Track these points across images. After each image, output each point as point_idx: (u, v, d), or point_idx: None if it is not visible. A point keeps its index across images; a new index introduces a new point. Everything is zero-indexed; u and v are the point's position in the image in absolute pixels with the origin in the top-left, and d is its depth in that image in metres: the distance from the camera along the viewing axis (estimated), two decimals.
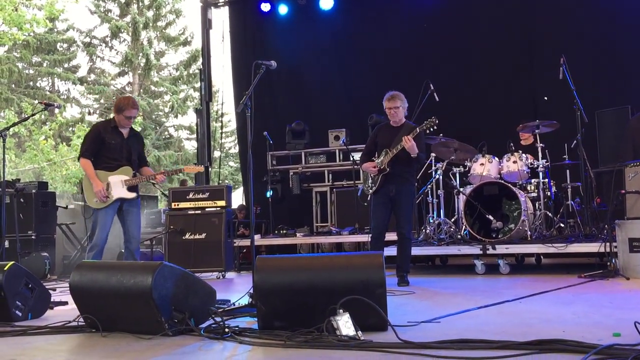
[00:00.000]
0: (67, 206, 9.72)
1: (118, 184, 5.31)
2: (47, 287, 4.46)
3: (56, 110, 19.86)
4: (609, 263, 5.55)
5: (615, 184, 5.72)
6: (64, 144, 20.62)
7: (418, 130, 5.34)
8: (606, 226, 5.82)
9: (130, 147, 5.47)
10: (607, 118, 7.60)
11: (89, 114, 25.89)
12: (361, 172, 6.23)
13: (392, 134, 5.55)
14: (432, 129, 5.42)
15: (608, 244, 5.56)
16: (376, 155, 5.65)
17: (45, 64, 24.91)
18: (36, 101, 20.12)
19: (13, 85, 23.36)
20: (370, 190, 5.65)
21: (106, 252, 8.63)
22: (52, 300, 4.38)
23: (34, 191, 8.46)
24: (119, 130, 5.44)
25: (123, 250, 5.67)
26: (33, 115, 8.10)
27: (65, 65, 25.78)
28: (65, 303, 4.55)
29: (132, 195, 5.40)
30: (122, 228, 5.53)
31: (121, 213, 5.44)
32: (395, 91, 5.62)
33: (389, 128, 5.66)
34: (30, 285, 4.02)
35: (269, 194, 9.05)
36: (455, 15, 9.24)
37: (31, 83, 24.96)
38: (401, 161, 5.46)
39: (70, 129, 24.08)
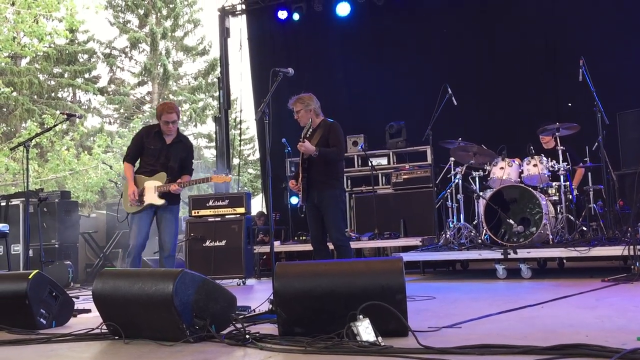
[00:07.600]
0: (89, 215, 9.86)
1: (151, 190, 5.31)
2: (70, 295, 4.52)
3: (77, 120, 20.08)
4: (632, 266, 5.46)
5: (638, 185, 5.64)
6: (86, 152, 20.86)
7: (307, 130, 5.05)
8: (629, 229, 5.73)
9: (170, 154, 5.42)
10: (629, 119, 7.46)
11: (109, 123, 26.22)
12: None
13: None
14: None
15: (632, 247, 5.47)
16: None
17: (66, 75, 25.26)
18: (58, 112, 20.39)
19: (35, 97, 23.72)
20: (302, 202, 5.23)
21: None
22: (75, 308, 4.43)
23: (56, 200, 8.58)
24: (162, 136, 5.43)
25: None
26: (55, 125, 8.21)
27: (86, 76, 26.12)
28: (89, 311, 4.61)
29: (161, 202, 5.29)
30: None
31: (156, 220, 5.40)
32: (302, 94, 5.24)
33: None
34: (54, 294, 4.07)
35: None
36: (475, 20, 9.22)
37: (52, 94, 25.31)
38: (315, 165, 5.06)
39: (92, 138, 24.36)
